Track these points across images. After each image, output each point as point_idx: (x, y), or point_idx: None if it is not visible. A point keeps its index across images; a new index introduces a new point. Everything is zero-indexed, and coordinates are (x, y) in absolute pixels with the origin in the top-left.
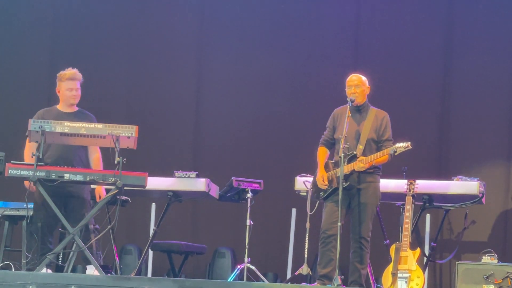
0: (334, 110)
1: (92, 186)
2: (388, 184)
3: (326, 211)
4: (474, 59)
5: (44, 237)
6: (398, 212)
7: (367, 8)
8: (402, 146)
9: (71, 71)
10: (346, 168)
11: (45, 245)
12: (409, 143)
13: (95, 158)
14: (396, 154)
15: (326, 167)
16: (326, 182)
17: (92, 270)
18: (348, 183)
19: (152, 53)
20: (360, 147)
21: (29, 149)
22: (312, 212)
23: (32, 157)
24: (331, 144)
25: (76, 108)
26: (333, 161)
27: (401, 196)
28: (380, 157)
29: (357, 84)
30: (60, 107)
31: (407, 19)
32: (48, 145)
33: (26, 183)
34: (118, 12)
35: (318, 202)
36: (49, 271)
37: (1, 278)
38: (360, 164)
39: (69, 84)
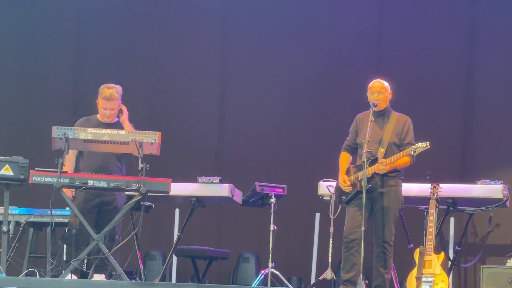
0: (357, 116)
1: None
2: (412, 188)
3: (349, 216)
4: (497, 61)
5: (77, 244)
6: (422, 216)
7: (389, 11)
8: (421, 145)
9: (109, 91)
10: (368, 171)
11: (78, 252)
12: (428, 142)
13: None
14: (415, 154)
15: (348, 172)
16: (348, 183)
17: (100, 278)
18: (369, 185)
19: (175, 59)
20: (382, 150)
21: (68, 160)
22: (335, 216)
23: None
24: (354, 149)
25: (116, 119)
26: (355, 166)
27: (424, 200)
28: (400, 158)
29: (380, 91)
30: (99, 117)
31: (430, 21)
32: (86, 155)
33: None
34: (141, 19)
35: (340, 206)
36: (75, 277)
37: (26, 285)
38: (381, 166)
39: (104, 104)
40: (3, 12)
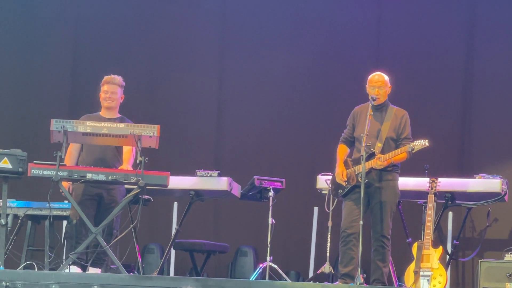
0: (354, 108)
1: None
2: (410, 182)
3: (346, 210)
4: (496, 56)
5: (78, 235)
6: (420, 210)
7: (388, 7)
8: (419, 143)
9: (110, 76)
10: (365, 166)
11: (79, 244)
12: (427, 140)
13: (126, 151)
14: (413, 151)
15: (345, 164)
16: (345, 177)
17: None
18: (366, 180)
19: (174, 53)
20: (379, 145)
21: (69, 154)
22: (331, 210)
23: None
24: (351, 142)
25: (117, 115)
26: (351, 159)
27: (423, 194)
28: (398, 154)
29: (380, 85)
30: (102, 113)
31: (429, 17)
32: (85, 147)
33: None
34: (140, 13)
35: (336, 199)
36: (79, 270)
37: (24, 277)
38: (378, 162)
39: (105, 87)
40: (2, 5)
